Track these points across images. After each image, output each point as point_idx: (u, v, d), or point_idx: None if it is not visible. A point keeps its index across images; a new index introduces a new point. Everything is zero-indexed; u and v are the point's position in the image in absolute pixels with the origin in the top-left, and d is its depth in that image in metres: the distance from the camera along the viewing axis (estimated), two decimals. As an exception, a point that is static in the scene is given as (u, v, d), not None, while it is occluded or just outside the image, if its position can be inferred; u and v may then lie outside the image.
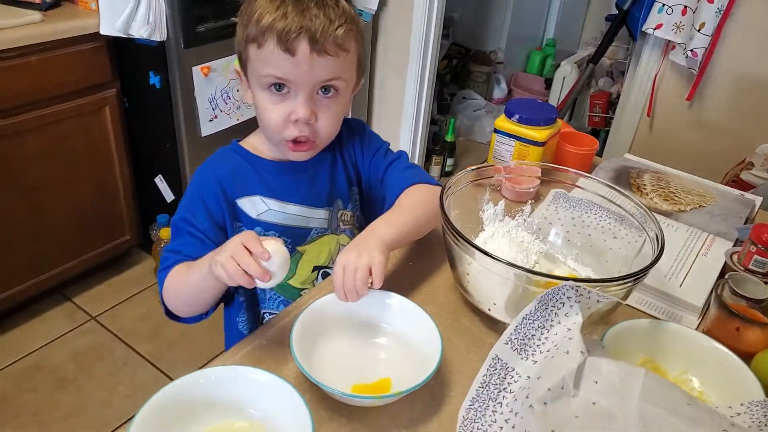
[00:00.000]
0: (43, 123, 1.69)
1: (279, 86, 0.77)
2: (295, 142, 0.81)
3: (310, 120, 0.78)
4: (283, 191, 0.87)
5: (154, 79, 1.82)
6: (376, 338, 0.76)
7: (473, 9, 3.54)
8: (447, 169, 2.96)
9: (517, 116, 1.11)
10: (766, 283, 0.84)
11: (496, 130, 1.15)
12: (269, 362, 0.72)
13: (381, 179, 0.92)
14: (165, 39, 1.71)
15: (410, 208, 0.85)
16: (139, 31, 1.66)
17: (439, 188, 0.85)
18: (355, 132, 0.93)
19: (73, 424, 1.60)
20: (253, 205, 0.85)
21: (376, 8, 2.27)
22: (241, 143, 0.89)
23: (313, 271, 0.91)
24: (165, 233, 1.95)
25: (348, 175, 0.92)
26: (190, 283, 0.76)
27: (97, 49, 1.75)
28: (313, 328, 0.71)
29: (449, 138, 2.85)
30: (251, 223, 0.85)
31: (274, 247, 0.66)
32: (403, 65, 2.45)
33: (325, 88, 0.78)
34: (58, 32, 1.63)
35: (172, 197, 2.02)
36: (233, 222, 0.85)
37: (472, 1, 3.50)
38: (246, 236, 0.66)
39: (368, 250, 0.73)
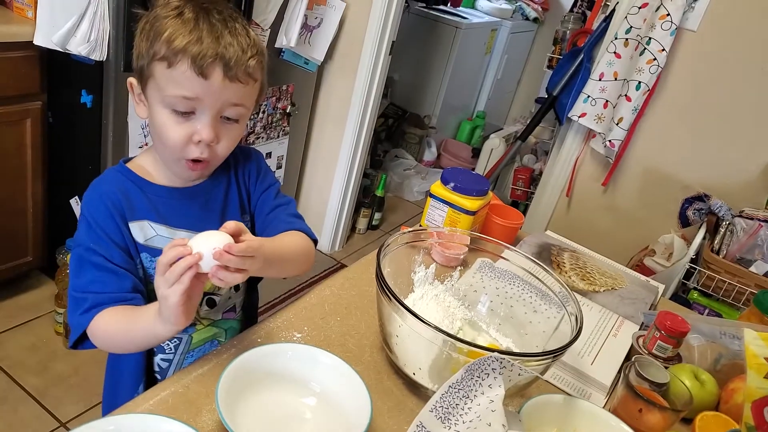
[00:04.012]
0: (-47, 126, 1.57)
1: (184, 112, 0.77)
2: (194, 161, 0.81)
3: (213, 142, 0.79)
4: (172, 216, 0.85)
5: (86, 98, 1.74)
6: (305, 397, 0.74)
7: (413, 72, 3.69)
8: (374, 223, 2.99)
9: (452, 184, 1.15)
10: (666, 367, 0.90)
11: (431, 195, 1.18)
12: (183, 412, 0.68)
13: (266, 214, 0.92)
14: (104, 59, 1.66)
15: (289, 243, 0.86)
16: (77, 47, 1.60)
17: (314, 243, 0.91)
18: (251, 160, 0.94)
19: (-67, 464, 1.42)
20: (142, 230, 0.83)
21: (322, 60, 2.33)
22: (129, 165, 0.86)
23: None
24: (72, 259, 1.82)
25: (242, 202, 0.92)
26: (134, 337, 0.75)
27: (27, 59, 1.66)
28: (241, 380, 0.69)
29: (379, 192, 2.90)
30: (138, 250, 0.82)
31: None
32: (342, 116, 2.50)
33: (227, 117, 0.79)
34: (-15, 35, 1.55)
35: (86, 221, 1.90)
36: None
37: (412, 65, 3.65)
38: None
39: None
